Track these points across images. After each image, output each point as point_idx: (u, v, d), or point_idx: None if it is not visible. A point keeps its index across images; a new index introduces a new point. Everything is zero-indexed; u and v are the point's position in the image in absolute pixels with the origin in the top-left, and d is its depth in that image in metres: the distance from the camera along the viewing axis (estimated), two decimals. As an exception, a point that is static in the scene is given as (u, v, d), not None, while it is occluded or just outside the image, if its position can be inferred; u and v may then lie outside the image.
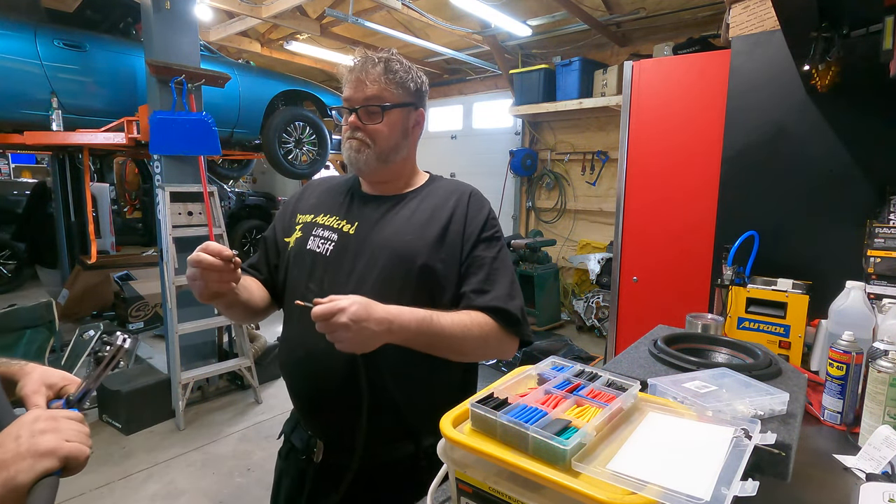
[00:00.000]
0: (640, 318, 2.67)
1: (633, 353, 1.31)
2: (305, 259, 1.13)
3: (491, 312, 1.03)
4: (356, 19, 4.70)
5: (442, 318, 0.98)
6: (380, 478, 1.07)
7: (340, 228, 1.12)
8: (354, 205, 1.16)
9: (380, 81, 1.07)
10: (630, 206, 2.67)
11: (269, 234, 1.27)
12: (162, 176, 3.20)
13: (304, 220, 1.18)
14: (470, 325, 1.00)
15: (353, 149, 1.09)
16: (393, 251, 1.06)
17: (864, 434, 1.08)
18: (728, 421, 0.76)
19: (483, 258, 1.08)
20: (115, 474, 2.71)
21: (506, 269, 1.09)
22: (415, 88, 1.12)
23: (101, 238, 5.45)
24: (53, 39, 3.61)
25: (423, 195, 1.15)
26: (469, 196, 1.14)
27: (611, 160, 5.56)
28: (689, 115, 2.45)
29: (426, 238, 1.06)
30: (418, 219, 1.10)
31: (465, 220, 1.10)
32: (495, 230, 1.13)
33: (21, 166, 10.05)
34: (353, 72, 1.08)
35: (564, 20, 5.08)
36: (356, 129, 1.08)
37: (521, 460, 0.67)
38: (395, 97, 1.08)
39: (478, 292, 1.05)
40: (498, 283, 1.06)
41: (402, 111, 1.11)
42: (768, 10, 1.92)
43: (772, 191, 1.98)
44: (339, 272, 1.08)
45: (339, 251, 1.10)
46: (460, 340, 0.99)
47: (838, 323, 1.32)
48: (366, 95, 1.07)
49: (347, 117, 1.09)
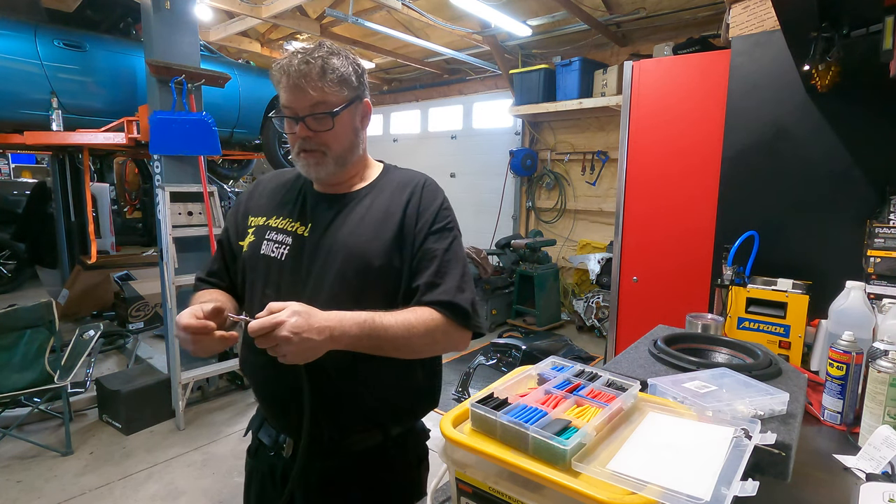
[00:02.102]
0: (640, 318, 2.67)
1: (633, 353, 1.31)
2: (260, 264, 1.10)
3: (439, 307, 1.01)
4: (356, 19, 4.70)
5: (385, 318, 0.96)
6: (350, 467, 1.08)
7: (294, 231, 1.09)
8: (307, 205, 1.12)
9: (322, 85, 0.99)
10: (630, 206, 2.67)
11: (223, 237, 1.23)
12: (162, 176, 3.20)
13: (257, 223, 1.15)
14: (415, 323, 0.98)
15: (310, 163, 1.05)
16: (349, 253, 1.03)
17: (864, 434, 1.08)
18: (728, 421, 0.76)
19: (434, 251, 1.05)
20: (115, 474, 2.71)
21: (457, 261, 1.06)
22: (356, 79, 1.06)
23: (101, 238, 5.45)
24: (53, 39, 3.61)
25: (377, 190, 1.11)
26: (422, 187, 1.11)
27: (611, 160, 5.56)
28: (689, 115, 2.45)
29: (382, 238, 1.04)
30: (373, 217, 1.07)
31: (418, 212, 1.07)
32: (447, 221, 1.10)
33: (21, 166, 10.05)
34: (288, 76, 0.99)
35: (564, 20, 5.08)
36: (307, 140, 1.02)
37: (521, 460, 0.67)
38: (341, 98, 1.03)
39: (428, 286, 1.03)
40: (448, 276, 1.04)
41: (351, 110, 1.05)
42: (768, 10, 1.92)
43: (772, 191, 1.98)
44: (296, 276, 1.06)
45: (293, 255, 1.07)
46: (405, 339, 0.97)
47: (838, 323, 1.32)
48: (310, 103, 1.00)
49: (293, 126, 1.03)
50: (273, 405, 1.12)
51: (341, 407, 1.04)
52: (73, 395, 3.35)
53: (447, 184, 7.23)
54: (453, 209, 1.14)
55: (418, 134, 7.68)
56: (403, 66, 7.07)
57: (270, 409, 1.13)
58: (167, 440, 3.07)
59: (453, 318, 1.02)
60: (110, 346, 4.44)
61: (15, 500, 2.49)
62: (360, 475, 1.08)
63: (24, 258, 6.32)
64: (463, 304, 1.02)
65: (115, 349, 4.46)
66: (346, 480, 1.08)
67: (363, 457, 1.08)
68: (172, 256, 3.15)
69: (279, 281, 1.07)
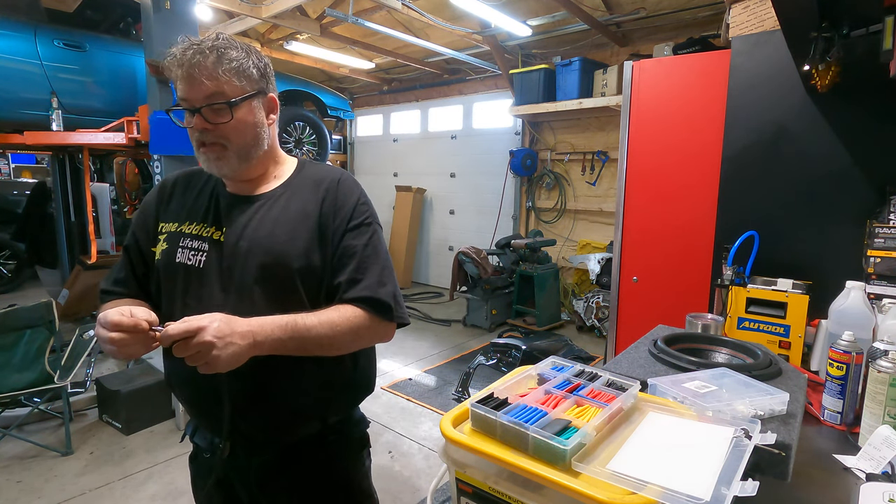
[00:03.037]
0: (640, 318, 2.67)
1: (633, 353, 1.31)
2: (178, 273, 1.05)
3: (361, 303, 1.01)
4: (356, 19, 4.70)
5: (308, 319, 0.95)
6: (290, 456, 1.08)
7: (210, 237, 1.05)
8: (221, 208, 1.08)
9: (218, 75, 0.96)
10: (630, 206, 2.67)
11: (131, 242, 1.15)
12: (162, 176, 3.20)
13: (169, 230, 1.10)
14: (338, 321, 0.97)
15: (210, 158, 1.02)
16: (267, 256, 1.01)
17: (864, 434, 1.08)
18: (728, 421, 0.76)
19: (353, 247, 1.04)
20: (115, 474, 2.71)
21: (376, 256, 1.06)
22: (258, 73, 1.03)
23: (101, 238, 5.45)
24: (53, 39, 3.61)
25: (292, 189, 1.09)
26: (338, 183, 1.09)
27: (611, 160, 5.56)
28: (689, 115, 2.45)
29: (299, 238, 1.03)
30: (289, 217, 1.05)
31: (335, 209, 1.06)
32: (365, 216, 1.08)
33: (21, 166, 10.04)
34: (181, 66, 0.96)
35: (564, 20, 5.08)
36: (205, 132, 0.99)
37: (521, 460, 0.67)
38: (239, 90, 0.99)
39: (349, 283, 1.02)
40: (368, 272, 1.03)
41: (252, 102, 1.02)
42: (768, 10, 1.92)
43: (772, 191, 1.98)
44: (216, 284, 1.02)
45: (211, 262, 1.03)
46: (329, 338, 0.97)
47: (838, 323, 1.32)
48: (206, 93, 0.96)
49: (190, 119, 0.99)
50: (200, 409, 1.10)
51: (268, 403, 1.04)
52: (73, 395, 3.36)
53: (447, 184, 7.25)
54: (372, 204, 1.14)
55: (418, 134, 7.68)
56: (403, 66, 7.07)
57: (199, 414, 1.12)
58: (167, 440, 3.07)
59: (376, 313, 1.02)
60: (110, 346, 4.44)
61: (15, 500, 2.49)
62: (300, 465, 1.09)
63: (24, 258, 6.32)
64: (384, 299, 1.02)
65: (115, 349, 4.45)
66: (287, 472, 1.09)
67: (301, 447, 1.09)
68: (172, 256, 3.14)
69: (200, 290, 1.03)
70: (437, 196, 7.44)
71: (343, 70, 7.13)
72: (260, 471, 1.08)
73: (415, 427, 3.32)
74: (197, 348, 0.81)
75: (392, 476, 2.79)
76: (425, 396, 3.80)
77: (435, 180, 7.42)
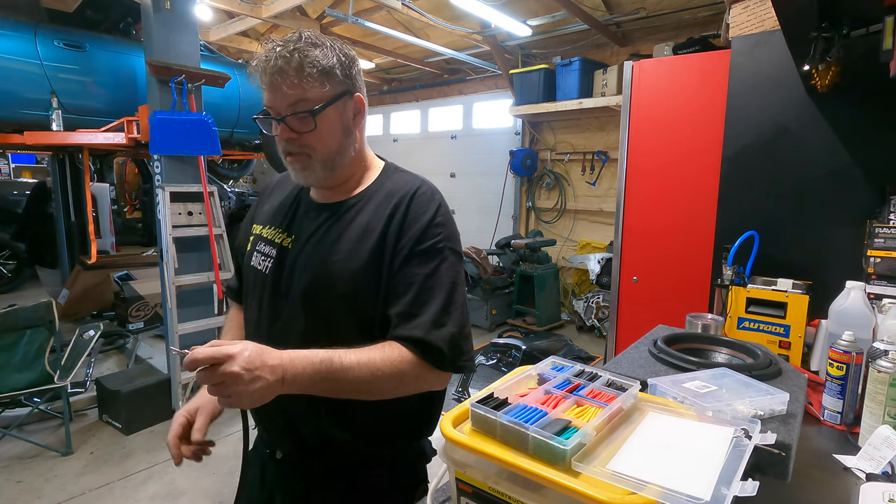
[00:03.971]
0: (640, 318, 2.67)
1: (633, 353, 1.31)
2: (250, 276, 1.06)
3: (410, 344, 0.88)
4: (356, 19, 4.70)
5: (346, 358, 0.84)
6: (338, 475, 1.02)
7: (280, 243, 1.02)
8: (298, 214, 1.04)
9: (301, 80, 0.90)
10: (630, 206, 2.67)
11: (237, 246, 1.15)
12: (162, 176, 3.20)
13: (255, 232, 1.09)
14: (380, 365, 0.85)
15: (296, 168, 0.97)
16: (317, 273, 0.94)
17: (864, 434, 1.08)
18: (728, 421, 0.76)
19: (413, 275, 0.92)
20: (115, 474, 2.71)
21: (440, 288, 0.92)
22: (343, 72, 0.94)
23: (101, 238, 5.44)
24: (53, 39, 3.61)
25: (367, 199, 1.00)
26: (411, 198, 0.97)
27: (611, 160, 5.56)
28: (689, 115, 2.45)
29: (355, 260, 0.93)
30: (352, 234, 0.96)
31: (401, 229, 0.94)
32: (436, 239, 0.94)
33: (21, 166, 10.05)
34: (265, 73, 0.91)
35: (564, 20, 5.08)
36: (290, 142, 0.94)
37: (521, 460, 0.67)
38: (323, 95, 0.92)
39: (401, 316, 0.90)
40: (427, 306, 0.90)
41: (337, 106, 0.94)
42: (768, 10, 1.92)
43: (772, 191, 1.98)
44: (276, 292, 0.99)
45: (275, 268, 1.00)
46: (368, 384, 0.85)
47: (838, 323, 1.32)
48: (289, 101, 0.91)
49: (276, 127, 0.94)
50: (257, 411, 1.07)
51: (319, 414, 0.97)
52: (73, 395, 3.35)
53: (447, 184, 7.24)
54: (452, 218, 1.01)
55: (418, 134, 7.68)
56: (403, 66, 7.07)
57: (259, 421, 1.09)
58: (167, 440, 3.07)
59: (425, 359, 0.89)
60: (110, 346, 4.44)
61: (15, 500, 2.49)
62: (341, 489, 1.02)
63: (24, 258, 6.31)
64: (437, 344, 0.88)
65: (115, 349, 4.46)
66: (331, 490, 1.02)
67: (347, 470, 1.02)
68: (172, 256, 3.15)
69: (262, 296, 1.01)
70: (437, 196, 7.44)
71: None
72: (305, 480, 1.03)
73: (415, 427, 3.32)
74: (222, 378, 0.73)
75: (392, 476, 2.79)
76: (425, 396, 3.79)
77: (435, 180, 7.17)
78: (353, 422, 0.97)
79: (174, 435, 0.97)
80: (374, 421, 0.98)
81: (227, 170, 6.18)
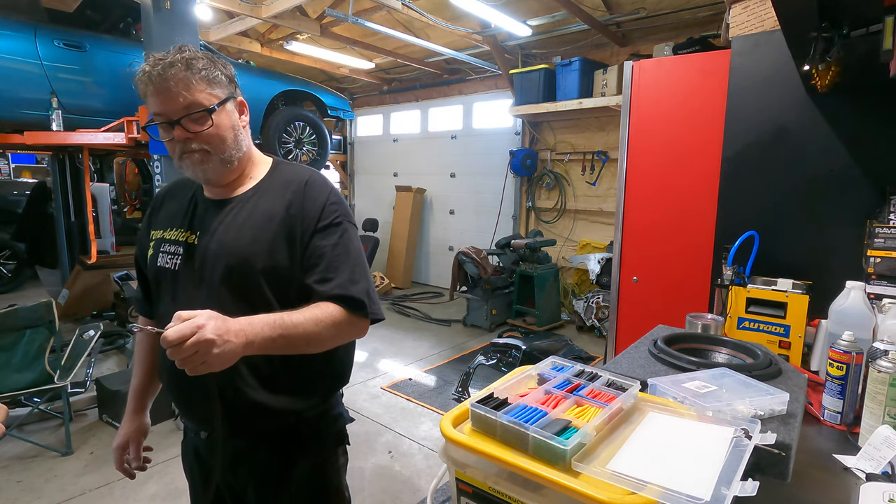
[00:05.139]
0: (640, 318, 2.67)
1: (633, 353, 1.31)
2: (158, 276, 1.13)
3: (336, 300, 1.03)
4: (356, 19, 4.70)
5: (293, 316, 0.96)
6: (264, 443, 1.12)
7: (185, 241, 1.10)
8: (197, 213, 1.13)
9: (192, 85, 0.99)
10: (630, 206, 2.67)
11: (137, 254, 1.24)
12: (162, 176, 3.20)
13: (156, 237, 1.16)
14: (321, 317, 0.99)
15: (195, 162, 1.04)
16: (231, 257, 1.04)
17: (864, 434, 1.08)
18: (728, 421, 0.76)
19: (322, 247, 1.06)
20: (115, 474, 2.71)
21: (347, 255, 1.07)
22: (226, 78, 1.06)
23: (101, 238, 5.45)
24: (53, 39, 3.61)
25: (262, 191, 1.11)
26: (305, 185, 1.10)
27: (611, 160, 5.56)
28: (689, 115, 2.45)
29: (262, 240, 1.05)
30: (255, 220, 1.07)
31: (302, 211, 1.07)
32: (335, 216, 1.09)
33: (21, 166, 10.04)
34: (152, 81, 0.98)
35: (564, 20, 5.08)
36: (188, 141, 1.02)
37: (521, 460, 0.67)
38: (213, 97, 1.03)
39: (321, 282, 1.04)
40: (340, 270, 1.05)
41: (227, 107, 1.06)
42: (768, 10, 1.92)
43: (772, 191, 1.98)
44: (188, 284, 1.07)
45: (184, 263, 1.09)
46: (315, 335, 0.98)
47: (838, 323, 1.32)
48: (182, 105, 0.99)
49: (171, 132, 1.01)
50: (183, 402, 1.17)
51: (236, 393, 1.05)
52: (73, 395, 3.35)
53: (447, 184, 7.25)
54: (343, 198, 1.15)
55: (418, 134, 7.68)
56: (403, 66, 7.07)
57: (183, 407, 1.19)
58: (167, 440, 3.07)
59: (351, 310, 1.03)
60: (110, 346, 4.44)
61: (15, 500, 2.49)
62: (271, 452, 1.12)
63: (24, 258, 6.32)
64: (357, 296, 1.04)
65: (115, 349, 4.46)
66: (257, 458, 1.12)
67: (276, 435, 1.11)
68: (172, 256, 3.14)
69: (174, 290, 1.09)
70: (437, 196, 7.44)
71: (343, 70, 7.13)
72: (233, 453, 1.11)
73: (415, 427, 3.33)
74: (195, 348, 0.79)
75: (392, 476, 2.79)
76: (425, 396, 3.80)
77: (435, 180, 7.42)
78: (274, 382, 1.07)
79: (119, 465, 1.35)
80: (293, 380, 1.09)
81: (227, 170, 6.17)
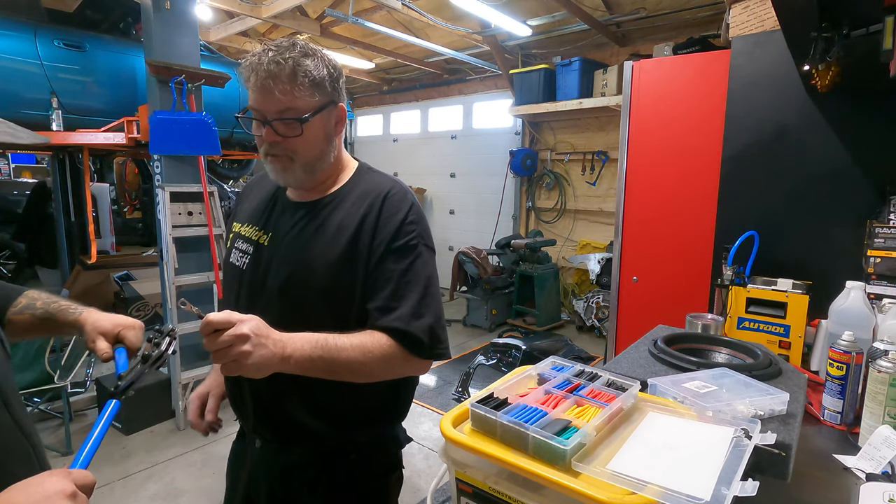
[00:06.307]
0: (640, 318, 2.67)
1: (633, 353, 1.31)
2: (229, 273, 1.11)
3: (392, 334, 0.94)
4: (356, 19, 4.70)
5: (339, 339, 0.90)
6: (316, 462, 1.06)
7: (257, 240, 1.07)
8: (275, 212, 1.09)
9: (293, 88, 0.94)
10: (630, 206, 2.67)
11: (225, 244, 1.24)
12: (162, 176, 3.20)
13: (235, 230, 1.14)
14: (371, 348, 0.92)
15: (276, 169, 1.00)
16: (293, 269, 0.99)
17: (864, 434, 1.08)
18: (728, 421, 0.76)
19: (390, 271, 0.97)
20: (115, 474, 2.71)
21: (416, 283, 0.97)
22: (330, 83, 0.99)
23: (101, 238, 5.44)
24: (53, 39, 3.61)
25: (340, 199, 1.04)
26: (384, 199, 1.01)
27: (611, 160, 5.56)
28: (689, 115, 2.45)
29: (329, 255, 0.98)
30: (326, 232, 1.00)
31: (375, 228, 0.99)
32: (410, 237, 1.00)
33: (21, 166, 10.04)
34: (256, 74, 0.93)
35: (564, 20, 5.08)
36: (274, 145, 0.97)
37: (521, 460, 0.67)
38: (312, 104, 0.96)
39: (381, 310, 0.95)
40: (404, 301, 0.95)
41: (323, 115, 0.99)
42: (768, 10, 1.92)
43: (772, 191, 1.98)
44: (253, 287, 1.04)
45: (253, 264, 1.05)
46: (361, 364, 0.91)
47: (838, 323, 1.32)
48: (278, 107, 0.94)
49: (260, 129, 0.98)
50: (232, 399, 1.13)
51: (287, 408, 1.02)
52: (73, 395, 3.35)
53: (447, 184, 7.24)
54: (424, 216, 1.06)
55: (418, 134, 7.68)
56: (403, 66, 7.07)
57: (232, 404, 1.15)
58: (167, 440, 3.07)
59: (406, 348, 0.95)
60: (110, 346, 4.44)
61: (15, 500, 2.49)
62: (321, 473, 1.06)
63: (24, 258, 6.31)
64: (417, 333, 0.94)
65: (115, 349, 4.45)
66: (308, 476, 1.06)
67: (328, 456, 1.06)
68: (172, 256, 3.14)
69: (239, 291, 1.06)
70: (437, 196, 7.44)
71: (343, 70, 7.13)
72: (284, 468, 1.07)
73: (415, 427, 3.32)
74: (230, 340, 0.78)
75: (392, 476, 2.79)
76: (425, 396, 3.80)
77: (435, 180, 7.42)
78: (326, 410, 1.02)
79: (194, 415, 1.14)
80: (347, 409, 1.03)
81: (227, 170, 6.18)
